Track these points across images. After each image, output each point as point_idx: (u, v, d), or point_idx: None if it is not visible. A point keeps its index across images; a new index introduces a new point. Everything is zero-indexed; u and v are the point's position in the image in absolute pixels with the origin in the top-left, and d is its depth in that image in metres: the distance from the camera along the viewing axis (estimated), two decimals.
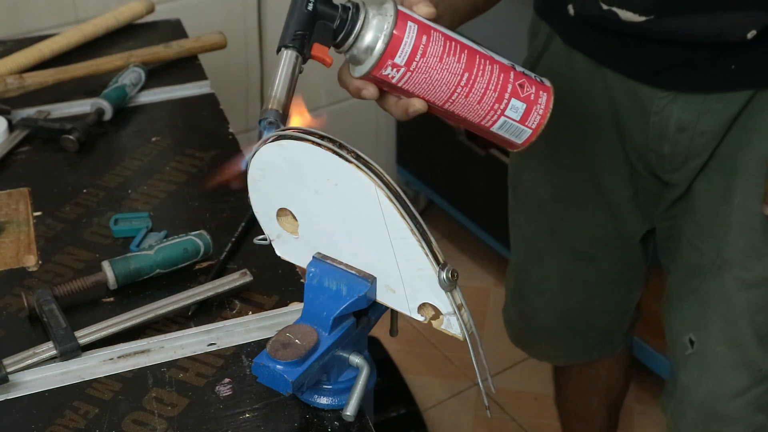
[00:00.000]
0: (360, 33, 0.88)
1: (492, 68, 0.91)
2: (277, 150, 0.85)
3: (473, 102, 0.92)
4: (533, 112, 0.94)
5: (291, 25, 0.88)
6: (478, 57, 0.91)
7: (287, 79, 0.87)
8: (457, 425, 2.10)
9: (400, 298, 0.86)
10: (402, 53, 0.88)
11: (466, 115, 0.93)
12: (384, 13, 0.89)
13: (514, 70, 0.93)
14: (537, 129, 0.95)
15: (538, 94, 0.94)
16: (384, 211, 0.81)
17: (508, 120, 0.93)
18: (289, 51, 0.88)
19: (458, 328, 0.84)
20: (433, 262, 0.82)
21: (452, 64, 0.90)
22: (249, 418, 0.91)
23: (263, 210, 0.91)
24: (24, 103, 1.42)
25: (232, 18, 2.18)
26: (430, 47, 0.89)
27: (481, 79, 0.91)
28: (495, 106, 0.92)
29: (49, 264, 1.13)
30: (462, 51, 0.90)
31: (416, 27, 0.89)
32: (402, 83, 0.90)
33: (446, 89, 0.91)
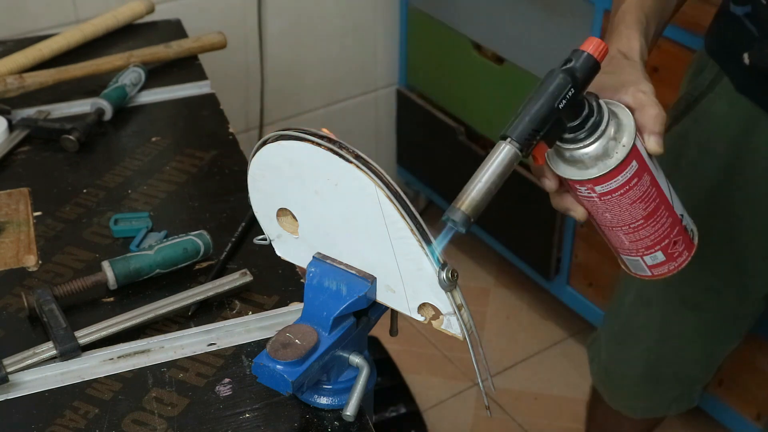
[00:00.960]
0: (588, 144, 0.83)
1: (665, 222, 0.89)
2: (277, 150, 0.85)
3: (626, 239, 0.91)
4: (666, 265, 0.93)
5: (529, 118, 0.79)
6: (662, 210, 0.89)
7: (494, 179, 0.79)
8: (457, 425, 2.10)
9: (400, 298, 0.86)
10: (606, 186, 0.85)
11: (612, 239, 0.92)
12: (618, 138, 0.84)
13: (680, 224, 0.91)
14: (655, 277, 0.95)
15: (682, 253, 0.93)
16: (384, 211, 0.81)
17: (640, 261, 0.93)
18: (510, 147, 0.79)
19: (458, 328, 0.84)
20: (433, 262, 0.82)
21: (637, 211, 0.87)
22: (249, 418, 0.91)
23: (263, 210, 0.91)
24: (24, 103, 1.42)
25: (232, 18, 2.18)
26: (632, 191, 0.86)
27: (649, 229, 0.89)
28: (641, 250, 0.91)
29: (49, 264, 1.13)
30: (653, 201, 0.87)
31: (635, 168, 0.84)
32: (583, 198, 0.87)
33: (615, 222, 0.89)
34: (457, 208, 0.79)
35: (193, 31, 1.67)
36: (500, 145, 0.80)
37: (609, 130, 0.84)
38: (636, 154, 0.84)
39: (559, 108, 0.80)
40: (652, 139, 0.86)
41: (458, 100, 2.37)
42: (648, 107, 0.87)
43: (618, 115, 0.85)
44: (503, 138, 0.80)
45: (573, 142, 0.84)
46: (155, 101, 1.47)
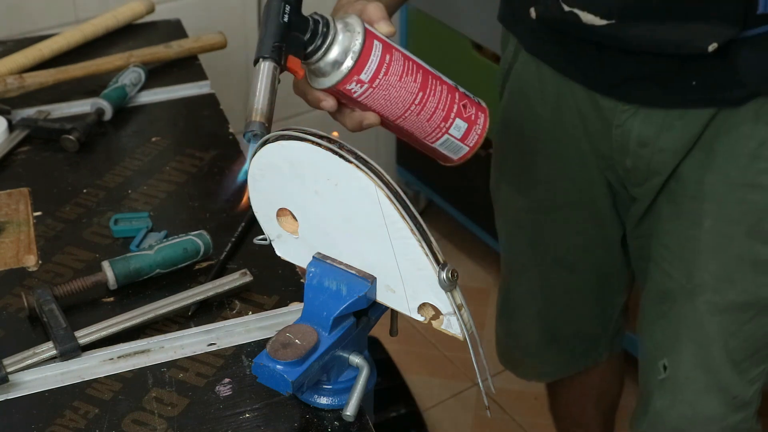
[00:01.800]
0: (329, 47, 0.91)
1: (442, 89, 0.97)
2: (277, 150, 0.85)
3: (423, 119, 0.96)
4: (473, 131, 1.00)
5: (267, 37, 0.88)
6: (431, 78, 0.96)
7: (268, 90, 0.87)
8: (457, 425, 2.10)
9: (400, 298, 0.86)
10: (368, 70, 0.92)
11: (414, 131, 0.98)
12: (351, 29, 0.92)
13: (458, 91, 0.99)
14: (474, 147, 1.01)
15: (478, 114, 1.00)
16: (384, 211, 0.81)
17: (450, 138, 0.99)
18: (267, 62, 0.88)
19: (458, 328, 0.84)
20: (433, 262, 0.82)
21: (409, 84, 0.94)
22: (249, 418, 0.91)
23: (263, 210, 0.91)
24: (24, 103, 1.42)
25: (232, 18, 2.18)
26: (393, 66, 0.93)
27: (433, 99, 0.96)
28: (441, 125, 0.97)
29: (49, 264, 1.13)
30: (418, 71, 0.95)
31: (381, 46, 0.92)
32: (362, 98, 0.93)
33: (401, 106, 0.95)
34: (254, 121, 0.86)
35: (193, 31, 1.67)
36: (259, 64, 0.88)
37: (341, 30, 0.92)
38: (373, 36, 0.92)
39: (285, 22, 0.89)
40: (382, 23, 0.94)
41: None
42: (368, 6, 0.95)
43: (344, 19, 0.93)
44: (256, 61, 0.88)
45: (316, 51, 0.91)
46: (155, 101, 1.47)
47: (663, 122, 1.16)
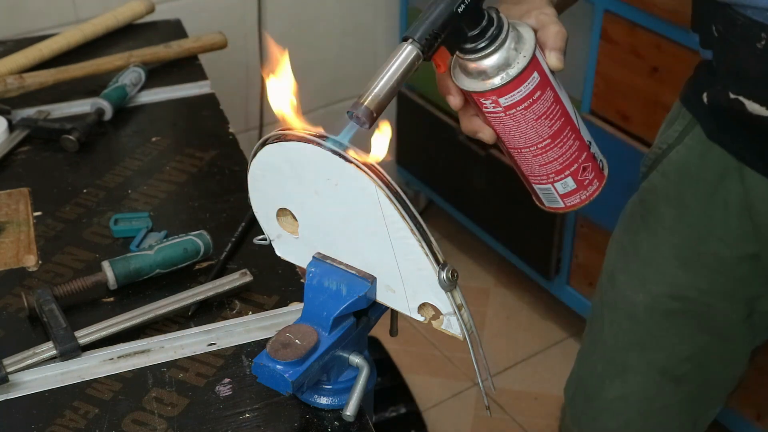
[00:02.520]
0: (488, 55, 0.85)
1: (572, 144, 0.90)
2: (277, 150, 0.85)
3: (536, 162, 0.91)
4: (577, 194, 0.94)
5: (429, 21, 0.80)
6: (568, 129, 0.90)
7: (396, 78, 0.80)
8: (457, 425, 2.10)
9: (400, 298, 0.86)
10: (510, 98, 0.86)
11: (521, 164, 0.93)
12: (519, 49, 0.85)
13: (588, 150, 0.92)
14: (568, 208, 0.95)
15: (593, 181, 0.94)
16: (384, 211, 0.81)
17: (552, 189, 0.94)
18: (412, 48, 0.80)
19: (458, 328, 0.84)
20: (433, 262, 0.82)
21: (543, 127, 0.88)
22: (249, 418, 0.91)
23: (263, 210, 0.91)
24: (24, 103, 1.42)
25: (232, 18, 2.18)
26: (536, 105, 0.87)
27: (557, 150, 0.90)
28: (551, 175, 0.92)
29: (49, 264, 1.13)
30: (559, 119, 0.89)
31: (537, 80, 0.86)
32: (490, 116, 0.88)
33: (522, 142, 0.90)
34: (360, 104, 0.80)
35: (193, 31, 1.67)
36: (402, 45, 0.81)
37: (509, 42, 0.85)
38: (537, 65, 0.86)
39: (458, 12, 0.82)
40: (553, 54, 0.87)
41: None
42: (550, 25, 0.89)
43: (519, 29, 0.87)
44: (405, 39, 0.81)
45: (474, 52, 0.85)
46: (155, 101, 1.47)
47: None
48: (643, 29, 1.77)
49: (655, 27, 1.74)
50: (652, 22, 1.74)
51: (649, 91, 1.80)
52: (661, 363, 1.26)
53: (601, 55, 1.87)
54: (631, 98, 1.84)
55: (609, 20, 1.83)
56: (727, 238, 1.15)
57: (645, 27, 1.76)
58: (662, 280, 1.22)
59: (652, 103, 1.80)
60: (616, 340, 1.30)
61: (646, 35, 1.77)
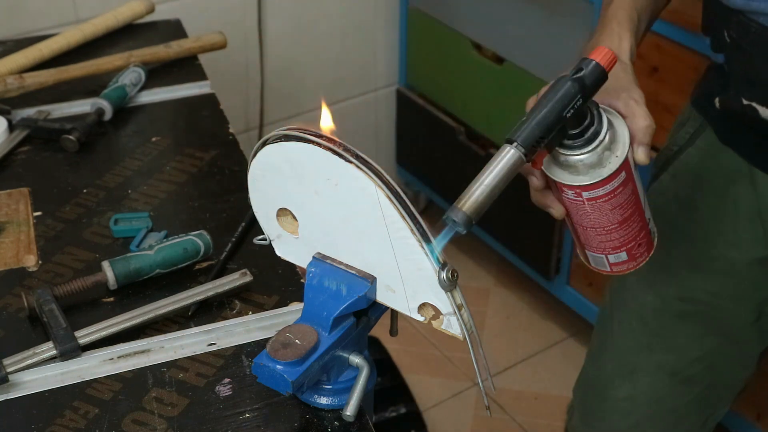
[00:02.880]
0: (581, 153, 0.85)
1: (635, 227, 0.91)
2: (277, 150, 0.85)
3: (599, 239, 0.92)
4: (626, 264, 0.95)
5: (537, 124, 0.80)
6: (635, 215, 0.91)
7: (497, 182, 0.80)
8: (457, 425, 2.10)
9: (400, 298, 0.86)
10: (594, 193, 0.87)
11: (582, 238, 0.93)
12: (613, 149, 0.86)
13: (646, 228, 0.93)
14: (613, 273, 0.96)
15: (643, 254, 0.94)
16: (384, 211, 0.81)
17: (604, 258, 0.94)
18: (515, 151, 0.80)
19: (458, 328, 0.84)
20: (433, 262, 0.82)
21: (615, 216, 0.89)
22: (249, 418, 0.91)
23: (263, 210, 0.91)
24: (24, 103, 1.42)
25: (232, 18, 2.18)
26: (616, 198, 0.88)
27: (621, 232, 0.91)
28: (608, 249, 0.93)
29: (49, 264, 1.13)
30: (630, 207, 0.89)
31: (623, 178, 0.86)
32: (567, 201, 0.89)
33: (591, 224, 0.90)
34: (459, 209, 0.79)
35: (193, 31, 1.67)
36: (505, 148, 0.81)
37: (605, 140, 0.85)
38: (626, 165, 0.86)
39: (566, 117, 0.81)
40: (641, 150, 0.87)
41: (458, 100, 2.37)
42: (639, 118, 0.88)
43: (614, 125, 0.87)
44: (509, 142, 0.81)
45: (570, 148, 0.85)
46: (155, 101, 1.47)
47: None
48: None
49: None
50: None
51: (649, 91, 1.79)
52: (671, 364, 1.26)
53: None
54: None
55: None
56: (737, 242, 1.15)
57: None
58: (672, 282, 1.22)
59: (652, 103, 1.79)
60: (625, 341, 1.30)
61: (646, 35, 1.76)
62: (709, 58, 1.14)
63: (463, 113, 2.36)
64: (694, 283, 1.21)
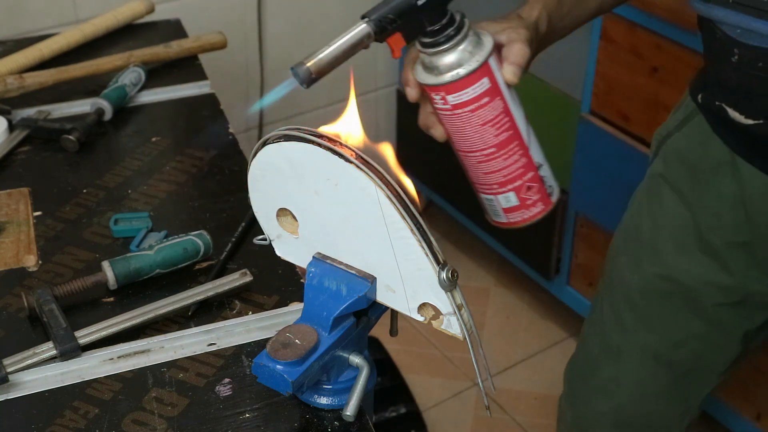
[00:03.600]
0: (442, 52, 0.89)
1: (518, 159, 0.93)
2: (277, 150, 0.85)
3: (481, 170, 0.94)
4: (519, 212, 0.97)
5: (389, 6, 0.86)
6: (515, 144, 0.93)
7: (344, 48, 0.86)
8: (457, 425, 2.10)
9: (400, 298, 0.86)
10: (457, 97, 0.90)
11: (469, 170, 0.96)
12: (474, 53, 0.89)
13: (536, 172, 0.94)
14: (511, 224, 0.98)
15: (536, 203, 0.96)
16: (384, 211, 0.81)
17: (495, 201, 0.97)
18: (365, 27, 0.86)
19: (458, 328, 0.84)
20: (433, 262, 0.82)
21: (488, 135, 0.91)
22: (249, 418, 0.91)
23: (263, 210, 0.91)
24: (24, 103, 1.42)
25: (232, 18, 2.18)
26: (483, 110, 0.90)
27: (500, 161, 0.93)
28: (494, 186, 0.95)
29: (49, 264, 1.13)
30: (506, 130, 0.92)
31: (487, 86, 0.89)
32: (440, 113, 0.92)
33: (467, 146, 0.93)
34: (303, 63, 0.86)
35: (193, 31, 1.67)
36: (357, 25, 0.86)
37: (466, 44, 0.89)
38: (489, 73, 0.90)
39: (418, 5, 0.86)
40: (510, 68, 0.90)
41: None
42: (516, 43, 0.92)
43: (480, 36, 0.91)
44: (362, 18, 0.87)
45: (431, 46, 0.90)
46: (155, 101, 1.47)
47: None
48: (643, 29, 1.77)
49: (655, 27, 1.74)
50: (652, 22, 1.74)
51: (649, 91, 1.80)
52: (655, 347, 1.28)
53: (601, 55, 1.87)
54: (631, 98, 1.84)
55: (609, 20, 1.83)
56: (720, 227, 1.17)
57: (645, 27, 1.76)
58: (656, 262, 1.24)
59: (652, 103, 1.80)
60: (612, 322, 1.32)
61: (646, 35, 1.77)
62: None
63: None
64: (679, 264, 1.22)
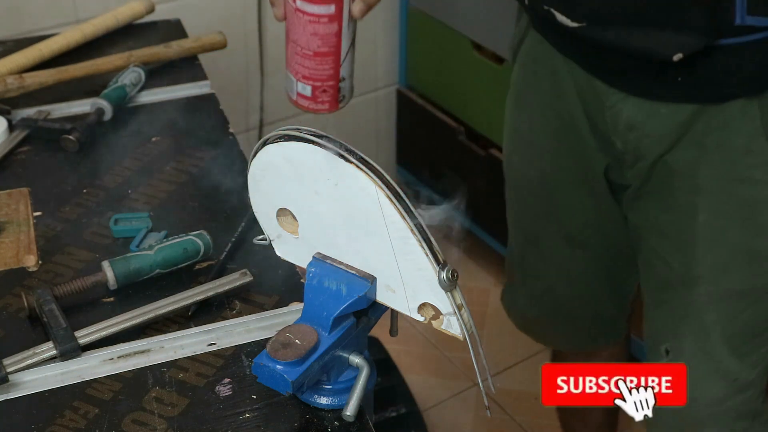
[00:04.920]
0: None
1: (327, 68, 1.02)
2: (277, 150, 0.85)
3: (296, 59, 1.03)
4: (308, 101, 1.04)
5: None
6: (331, 59, 1.01)
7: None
8: (457, 425, 2.10)
9: (400, 298, 0.86)
10: (304, 5, 0.98)
11: (288, 51, 1.05)
12: None
13: (337, 81, 1.03)
14: (296, 104, 1.07)
15: (324, 102, 1.04)
16: (384, 210, 0.81)
17: (294, 84, 1.05)
18: None
19: (458, 328, 0.84)
20: (433, 262, 0.82)
21: (313, 42, 1.01)
22: (249, 418, 0.91)
23: (263, 210, 0.91)
24: (24, 103, 1.42)
25: (232, 18, 2.18)
26: (317, 26, 0.99)
27: (313, 63, 1.02)
28: (299, 74, 1.03)
29: (49, 264, 1.13)
30: (328, 46, 1.01)
31: (331, 12, 0.98)
32: (287, 6, 1.02)
33: (295, 38, 1.02)
34: None
35: (193, 31, 1.67)
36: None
37: None
38: (339, 2, 0.97)
39: None
40: (359, 5, 0.96)
41: (458, 100, 2.37)
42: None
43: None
44: None
45: None
46: (155, 101, 1.47)
47: (650, 109, 1.18)
48: None
49: None
50: None
51: None
52: (565, 230, 1.41)
53: None
54: None
55: None
56: (566, 116, 1.28)
57: None
58: (541, 157, 1.37)
59: None
60: (525, 214, 1.47)
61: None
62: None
63: (463, 113, 2.36)
64: (559, 159, 1.35)
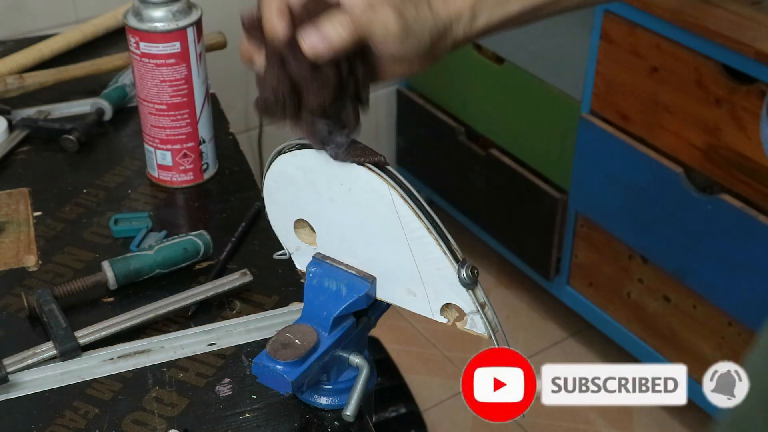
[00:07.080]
0: (151, 5, 1.09)
1: (184, 127, 1.12)
2: (291, 159, 0.85)
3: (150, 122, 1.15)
4: (171, 172, 1.17)
5: None
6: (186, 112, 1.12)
7: None
8: (457, 425, 2.10)
9: (422, 302, 0.85)
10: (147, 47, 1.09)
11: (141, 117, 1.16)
12: (176, 17, 1.10)
13: (198, 146, 1.13)
14: (160, 182, 1.20)
15: (188, 172, 1.17)
16: (398, 210, 0.81)
17: (153, 154, 1.19)
18: None
19: (482, 326, 0.83)
20: (452, 260, 0.81)
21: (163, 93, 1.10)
22: (249, 418, 0.91)
23: (281, 223, 0.91)
24: (24, 103, 1.42)
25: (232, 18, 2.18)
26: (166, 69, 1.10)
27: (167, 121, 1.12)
28: (156, 141, 1.14)
29: (49, 264, 1.13)
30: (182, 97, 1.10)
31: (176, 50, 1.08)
32: (133, 56, 1.12)
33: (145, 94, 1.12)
34: None
35: None
36: None
37: (178, 4, 1.10)
38: (183, 39, 1.02)
39: None
40: (313, 38, 0.78)
41: (458, 100, 2.37)
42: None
43: (193, 8, 1.09)
44: None
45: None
46: None
47: None
48: (643, 29, 1.77)
49: (655, 27, 1.74)
50: (652, 22, 1.74)
51: (649, 91, 1.80)
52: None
53: (601, 55, 1.87)
54: (631, 98, 1.84)
55: (609, 20, 1.83)
56: None
57: (645, 27, 1.76)
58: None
59: (652, 103, 1.80)
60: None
61: (646, 35, 1.77)
62: None
63: (463, 113, 2.36)
64: None
